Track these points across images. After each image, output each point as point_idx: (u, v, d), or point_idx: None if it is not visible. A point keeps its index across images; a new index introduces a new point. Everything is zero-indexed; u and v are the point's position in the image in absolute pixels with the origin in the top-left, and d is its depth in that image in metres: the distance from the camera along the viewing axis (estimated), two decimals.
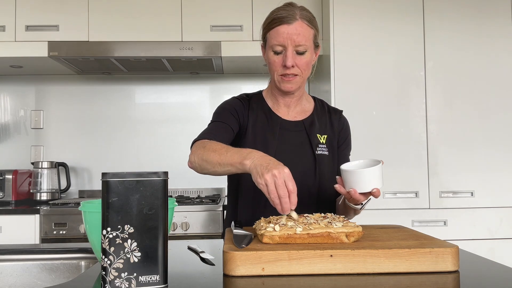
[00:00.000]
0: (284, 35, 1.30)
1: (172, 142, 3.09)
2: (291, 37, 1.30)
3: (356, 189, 1.13)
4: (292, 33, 1.30)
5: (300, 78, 1.35)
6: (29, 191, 2.86)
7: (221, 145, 1.21)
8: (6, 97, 3.09)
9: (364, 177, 1.12)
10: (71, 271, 1.21)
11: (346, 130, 1.51)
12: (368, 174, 1.12)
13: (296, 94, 1.42)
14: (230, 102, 1.44)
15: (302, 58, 1.33)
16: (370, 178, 1.12)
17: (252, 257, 0.86)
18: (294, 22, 1.30)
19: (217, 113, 1.42)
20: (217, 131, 1.33)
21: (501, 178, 2.43)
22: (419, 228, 2.35)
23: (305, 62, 1.33)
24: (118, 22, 2.65)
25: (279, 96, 1.43)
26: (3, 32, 2.63)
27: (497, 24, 2.48)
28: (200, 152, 1.22)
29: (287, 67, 1.31)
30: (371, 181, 1.12)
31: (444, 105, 2.45)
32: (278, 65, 1.33)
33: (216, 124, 1.37)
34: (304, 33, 1.31)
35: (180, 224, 2.40)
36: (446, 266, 0.88)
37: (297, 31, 1.30)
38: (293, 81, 1.35)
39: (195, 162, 1.23)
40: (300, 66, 1.33)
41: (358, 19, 2.46)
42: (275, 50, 1.33)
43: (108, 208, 0.78)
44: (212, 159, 1.17)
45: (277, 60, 1.33)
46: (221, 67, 2.90)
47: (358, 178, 1.13)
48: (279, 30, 1.31)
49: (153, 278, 0.79)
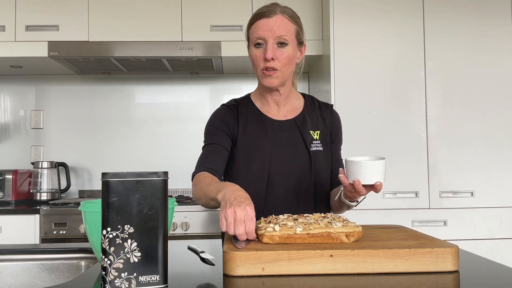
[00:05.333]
0: (264, 28, 1.31)
1: (172, 142, 3.09)
2: (271, 28, 1.31)
3: (360, 180, 1.14)
4: (272, 25, 1.31)
5: (280, 73, 1.34)
6: (29, 191, 2.85)
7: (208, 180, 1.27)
8: (6, 97, 3.09)
9: (369, 169, 1.14)
10: (71, 271, 1.21)
11: (338, 124, 1.50)
12: (373, 166, 1.14)
13: (282, 92, 1.42)
14: (218, 116, 1.45)
15: (283, 52, 1.32)
16: (375, 171, 1.14)
17: (252, 257, 0.86)
18: (274, 15, 1.32)
19: (207, 133, 1.44)
20: (211, 157, 1.37)
21: (501, 178, 2.43)
22: (419, 228, 2.35)
23: (286, 56, 1.33)
24: (118, 22, 2.65)
25: (267, 95, 1.43)
26: (3, 32, 2.63)
27: (497, 24, 2.48)
28: (195, 188, 1.31)
29: (267, 60, 1.31)
30: (376, 174, 1.14)
31: (444, 105, 2.45)
32: (259, 59, 1.34)
33: (208, 148, 1.40)
34: (285, 26, 1.32)
35: (180, 224, 2.40)
36: (446, 266, 0.88)
37: (277, 23, 1.31)
38: (274, 75, 1.34)
39: (196, 198, 1.32)
40: (281, 60, 1.32)
41: (358, 19, 2.46)
42: (256, 43, 1.34)
43: (108, 208, 0.78)
44: (202, 196, 1.26)
45: (258, 54, 1.34)
46: (221, 67, 2.90)
47: (364, 170, 1.14)
48: (259, 24, 1.33)
49: (153, 278, 0.79)
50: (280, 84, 1.37)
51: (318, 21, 2.69)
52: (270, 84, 1.35)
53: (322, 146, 1.42)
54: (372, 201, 2.39)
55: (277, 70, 1.33)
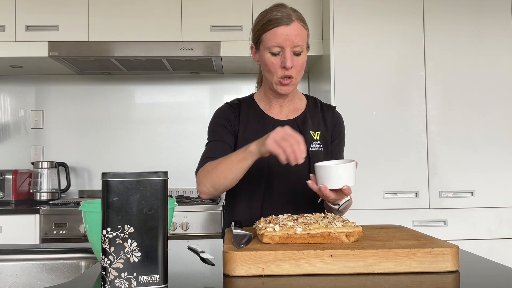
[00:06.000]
0: (283, 37, 1.30)
1: (172, 142, 3.09)
2: (289, 38, 1.30)
3: (326, 185, 1.14)
4: (291, 34, 1.30)
5: (295, 80, 1.37)
6: (29, 191, 2.85)
7: (220, 158, 1.28)
8: (6, 97, 3.09)
9: (335, 173, 1.13)
10: (71, 271, 1.21)
11: (339, 125, 1.50)
12: (338, 170, 1.13)
13: (290, 95, 1.44)
14: (221, 113, 1.46)
15: (299, 59, 1.34)
16: (340, 175, 1.13)
17: (252, 257, 0.86)
18: (292, 23, 1.31)
19: (211, 131, 1.45)
20: (215, 152, 1.37)
21: (501, 178, 2.43)
22: (419, 228, 2.35)
23: (301, 63, 1.35)
24: (118, 22, 2.65)
25: (273, 98, 1.44)
26: (3, 32, 2.63)
27: (497, 24, 2.48)
28: (207, 177, 1.29)
29: (286, 68, 1.32)
30: (343, 178, 1.13)
31: (444, 105, 2.45)
32: (277, 67, 1.34)
33: (212, 145, 1.40)
34: (302, 34, 1.33)
35: (180, 224, 2.40)
36: (446, 266, 0.88)
37: (295, 32, 1.31)
38: (290, 83, 1.36)
39: (208, 189, 1.30)
40: (296, 67, 1.34)
41: (358, 19, 2.46)
42: (272, 52, 1.33)
43: (108, 208, 0.78)
44: (221, 173, 1.25)
45: (275, 62, 1.33)
46: (221, 67, 2.90)
47: (329, 174, 1.14)
48: (277, 32, 1.31)
49: (153, 278, 0.79)
50: (293, 91, 1.40)
51: (318, 21, 2.69)
52: (286, 91, 1.37)
53: (323, 147, 1.43)
54: (372, 201, 2.39)
55: (293, 77, 1.35)
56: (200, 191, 1.32)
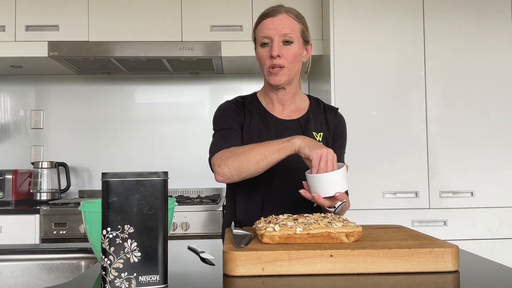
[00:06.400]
0: (270, 27, 1.33)
1: (172, 142, 3.09)
2: (276, 27, 1.33)
3: (319, 193, 1.14)
4: (277, 23, 1.33)
5: (287, 70, 1.35)
6: (29, 191, 2.85)
7: (253, 144, 1.25)
8: (6, 97, 3.09)
9: (325, 181, 1.13)
10: (71, 271, 1.21)
11: (342, 127, 1.49)
12: (328, 178, 1.12)
13: (288, 91, 1.42)
14: (226, 107, 1.44)
15: (289, 49, 1.34)
16: (331, 182, 1.13)
17: (252, 257, 0.86)
18: (279, 14, 1.35)
19: (217, 121, 1.42)
20: (228, 138, 1.34)
21: (501, 178, 2.43)
22: (419, 228, 2.35)
23: (292, 54, 1.35)
24: (118, 22, 2.65)
25: (272, 94, 1.44)
26: (3, 32, 2.63)
27: (497, 24, 2.48)
28: (233, 158, 1.23)
29: (273, 57, 1.33)
30: (335, 185, 1.13)
31: (444, 105, 2.45)
32: (266, 58, 1.35)
33: (222, 133, 1.37)
34: (290, 24, 1.34)
35: (180, 224, 2.40)
36: (446, 266, 0.88)
37: (282, 22, 1.33)
38: (280, 73, 1.35)
39: (230, 171, 1.23)
40: (287, 57, 1.34)
41: (358, 19, 2.46)
42: (262, 43, 1.36)
43: (108, 208, 0.78)
44: (253, 157, 1.20)
45: (264, 53, 1.36)
46: (221, 67, 2.90)
47: (321, 183, 1.13)
48: (264, 24, 1.35)
49: (153, 278, 0.79)
50: (286, 82, 1.38)
51: (318, 21, 2.69)
52: (277, 82, 1.36)
53: None
54: (372, 201, 2.39)
55: (284, 67, 1.34)
56: (219, 172, 1.25)
